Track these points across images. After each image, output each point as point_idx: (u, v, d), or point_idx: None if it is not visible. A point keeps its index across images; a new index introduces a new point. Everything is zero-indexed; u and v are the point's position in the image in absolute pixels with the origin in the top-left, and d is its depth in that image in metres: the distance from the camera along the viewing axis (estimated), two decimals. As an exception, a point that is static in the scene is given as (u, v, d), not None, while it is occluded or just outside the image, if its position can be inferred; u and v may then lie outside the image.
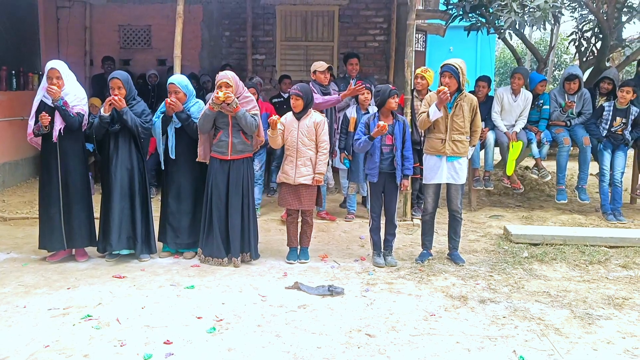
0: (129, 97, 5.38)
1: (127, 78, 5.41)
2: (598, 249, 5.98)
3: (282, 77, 8.85)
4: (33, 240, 5.99)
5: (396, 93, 5.43)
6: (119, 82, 5.30)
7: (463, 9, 8.60)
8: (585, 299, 4.71)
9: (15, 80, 8.66)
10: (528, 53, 18.56)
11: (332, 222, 6.90)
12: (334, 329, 4.08)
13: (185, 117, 5.41)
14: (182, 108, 5.40)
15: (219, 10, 10.18)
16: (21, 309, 4.37)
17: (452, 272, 5.34)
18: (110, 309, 4.37)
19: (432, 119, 5.35)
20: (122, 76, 5.37)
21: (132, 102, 5.41)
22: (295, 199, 5.53)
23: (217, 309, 4.40)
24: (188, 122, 5.42)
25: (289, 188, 5.52)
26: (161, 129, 5.49)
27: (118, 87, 5.30)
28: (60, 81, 5.21)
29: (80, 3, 10.05)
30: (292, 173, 5.47)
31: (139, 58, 10.32)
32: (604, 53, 9.14)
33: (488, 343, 3.91)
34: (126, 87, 5.34)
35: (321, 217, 6.92)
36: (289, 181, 5.48)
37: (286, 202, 5.56)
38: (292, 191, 5.52)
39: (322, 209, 6.91)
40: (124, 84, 5.32)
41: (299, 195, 5.52)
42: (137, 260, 5.52)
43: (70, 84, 5.34)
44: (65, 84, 5.26)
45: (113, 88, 5.31)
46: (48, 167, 5.38)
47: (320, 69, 6.73)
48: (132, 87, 5.47)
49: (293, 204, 5.55)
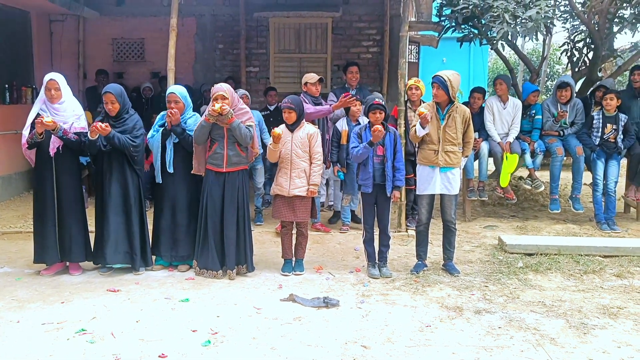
0: (122, 110, 5.38)
1: (120, 92, 5.40)
2: (592, 259, 5.99)
3: (267, 89, 8.60)
4: (26, 254, 5.97)
5: (377, 108, 5.39)
6: (112, 96, 5.30)
7: (455, 20, 8.66)
8: (580, 308, 4.71)
9: (9, 94, 8.65)
10: (520, 64, 18.70)
11: (327, 234, 6.89)
12: (329, 341, 4.06)
13: (180, 131, 5.41)
14: (179, 120, 5.41)
15: (213, 23, 10.22)
16: (15, 323, 4.34)
17: (447, 282, 5.34)
18: (105, 323, 4.34)
19: (419, 135, 5.44)
20: (115, 90, 5.36)
21: (125, 116, 5.41)
22: (290, 211, 5.52)
23: (212, 322, 4.38)
24: (184, 136, 5.43)
25: (284, 200, 5.52)
26: (160, 143, 5.49)
27: (111, 101, 5.30)
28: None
29: (74, 17, 10.05)
30: (287, 185, 5.47)
31: (132, 71, 10.33)
32: (595, 63, 9.22)
33: (484, 354, 3.90)
34: (119, 101, 5.34)
35: (316, 228, 6.91)
36: (284, 193, 5.48)
37: (281, 214, 5.56)
38: (286, 203, 5.52)
39: (317, 220, 6.91)
40: (117, 97, 5.31)
41: (294, 207, 5.51)
42: (131, 273, 5.50)
43: (68, 97, 5.35)
44: (62, 96, 5.28)
45: (107, 102, 5.31)
46: (42, 182, 5.37)
47: (311, 80, 6.77)
48: (126, 100, 5.47)
49: (288, 216, 5.54)
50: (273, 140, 5.37)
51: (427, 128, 5.39)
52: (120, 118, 5.36)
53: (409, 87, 6.77)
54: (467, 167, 7.54)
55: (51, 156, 5.28)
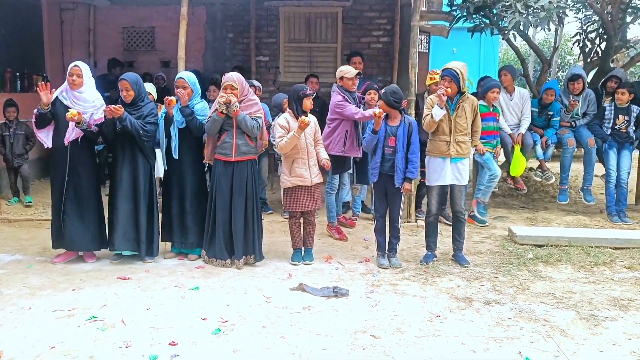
0: (137, 98, 5.39)
1: (136, 79, 5.43)
2: (603, 251, 5.96)
3: (308, 75, 8.18)
4: (38, 242, 6.01)
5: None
6: (127, 83, 5.32)
7: (467, 10, 8.58)
8: (590, 300, 4.70)
9: (20, 83, 8.69)
10: (532, 54, 18.55)
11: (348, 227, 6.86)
12: (338, 330, 4.07)
13: (189, 112, 5.42)
14: (187, 102, 5.42)
15: (223, 12, 10.19)
16: (26, 310, 4.38)
17: (456, 273, 5.33)
18: (116, 310, 4.37)
19: (436, 119, 5.37)
20: (130, 78, 5.39)
21: (141, 104, 5.42)
22: (311, 200, 5.53)
23: (221, 310, 4.40)
24: (192, 118, 5.42)
25: (305, 190, 5.50)
26: (164, 130, 5.51)
27: (126, 88, 5.32)
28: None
29: (84, 5, 10.07)
30: (308, 174, 5.46)
31: (142, 60, 10.33)
32: (608, 54, 9.12)
33: (493, 344, 3.90)
34: (134, 89, 5.35)
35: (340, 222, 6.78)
36: (306, 183, 5.46)
37: (301, 204, 5.52)
38: (306, 193, 5.51)
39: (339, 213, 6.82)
40: (132, 85, 5.33)
41: (314, 195, 5.53)
42: (141, 262, 5.53)
43: (89, 87, 5.40)
44: (84, 84, 5.34)
45: (122, 89, 5.33)
46: (57, 169, 5.40)
47: (348, 75, 6.29)
48: (142, 88, 5.50)
49: (309, 205, 5.54)
50: (299, 127, 5.27)
51: (444, 109, 5.35)
52: (136, 106, 5.38)
53: (435, 82, 6.49)
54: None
55: (66, 145, 5.31)
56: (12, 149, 7.58)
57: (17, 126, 7.66)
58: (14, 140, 7.59)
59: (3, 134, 7.59)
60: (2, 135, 7.59)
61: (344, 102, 6.18)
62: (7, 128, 7.60)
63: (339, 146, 6.24)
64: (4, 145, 7.58)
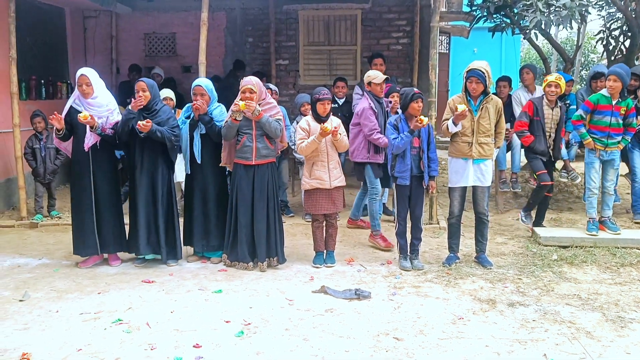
0: (153, 102, 5.45)
1: (152, 83, 5.51)
2: (629, 251, 5.87)
3: (336, 79, 7.97)
4: (64, 246, 6.10)
5: (420, 97, 5.40)
6: (143, 84, 5.39)
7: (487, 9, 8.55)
8: (617, 301, 4.63)
9: (45, 90, 8.84)
10: (554, 53, 18.34)
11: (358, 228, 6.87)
12: (361, 333, 4.07)
13: (208, 120, 5.47)
14: (206, 110, 5.47)
15: (242, 16, 10.26)
16: (54, 313, 4.45)
17: (479, 275, 5.29)
18: (140, 313, 4.42)
19: (451, 132, 5.42)
20: (147, 80, 5.47)
21: (156, 107, 5.48)
22: (330, 203, 5.53)
23: (244, 313, 4.43)
24: (211, 125, 5.47)
25: (324, 193, 5.51)
26: (188, 134, 5.57)
27: (142, 89, 5.37)
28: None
29: (107, 12, 10.22)
30: (327, 177, 5.47)
31: (164, 65, 10.41)
32: (632, 51, 8.99)
33: (518, 346, 3.86)
34: (151, 92, 5.42)
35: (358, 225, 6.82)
36: (325, 186, 5.47)
37: (321, 207, 5.53)
38: (326, 196, 5.52)
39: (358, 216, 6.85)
40: (148, 87, 5.40)
41: (333, 199, 5.53)
42: (164, 265, 5.58)
43: (100, 91, 5.45)
44: (94, 91, 5.38)
45: (138, 90, 5.38)
46: (80, 175, 5.49)
47: (376, 80, 6.13)
48: (157, 92, 5.57)
49: (329, 208, 5.54)
50: (320, 133, 5.27)
51: (459, 125, 5.33)
52: (152, 110, 5.44)
53: (548, 84, 6.19)
54: (500, 158, 7.45)
55: (86, 151, 5.39)
56: (44, 163, 7.29)
57: (48, 139, 7.27)
58: (45, 153, 7.28)
59: (33, 147, 7.27)
60: (33, 148, 7.27)
61: (370, 113, 6.04)
62: (38, 140, 7.31)
63: (363, 153, 6.15)
64: (35, 159, 7.28)
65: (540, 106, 6.28)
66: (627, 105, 6.34)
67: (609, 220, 6.43)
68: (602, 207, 6.55)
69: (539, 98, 6.38)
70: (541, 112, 6.26)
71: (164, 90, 7.07)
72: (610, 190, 6.48)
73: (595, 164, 6.37)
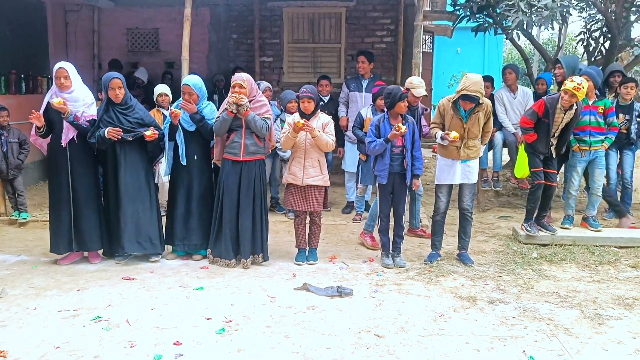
0: (127, 97, 5.42)
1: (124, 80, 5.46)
2: (608, 250, 5.95)
3: (320, 77, 7.88)
4: (43, 243, 6.03)
5: (406, 97, 5.42)
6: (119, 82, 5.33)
7: (470, 9, 8.59)
8: (595, 299, 4.69)
9: (25, 84, 8.73)
10: (536, 53, 18.50)
11: (341, 225, 6.87)
12: (343, 330, 4.08)
13: (199, 119, 5.45)
14: (195, 109, 5.44)
15: (227, 13, 10.22)
16: (31, 310, 4.40)
17: (460, 272, 5.33)
18: (120, 311, 4.39)
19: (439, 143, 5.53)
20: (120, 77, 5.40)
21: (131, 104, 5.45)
22: (303, 201, 5.53)
23: (226, 310, 4.41)
24: (202, 124, 5.46)
25: (297, 189, 5.52)
26: (168, 137, 5.56)
27: (119, 87, 5.32)
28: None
29: (89, 7, 10.12)
30: (300, 174, 5.47)
31: (147, 61, 10.36)
32: (612, 53, 9.10)
33: (497, 343, 3.90)
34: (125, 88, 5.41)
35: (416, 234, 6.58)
36: (297, 182, 5.48)
37: (293, 203, 5.56)
38: (299, 192, 5.52)
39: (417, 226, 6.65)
40: (123, 84, 5.37)
41: (307, 197, 5.51)
42: (146, 262, 5.54)
43: (78, 85, 5.38)
44: (72, 85, 5.32)
45: (113, 88, 5.31)
46: (57, 171, 5.42)
47: (415, 92, 5.99)
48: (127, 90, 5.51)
49: (301, 205, 5.54)
50: (293, 129, 5.30)
51: (446, 142, 5.40)
52: (126, 105, 5.41)
53: (564, 90, 5.74)
54: (481, 157, 7.49)
55: (64, 147, 5.33)
56: (6, 159, 6.91)
57: (10, 133, 6.95)
58: (7, 148, 6.90)
59: None
60: None
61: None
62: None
63: None
64: None
65: (552, 108, 5.84)
66: (605, 104, 6.44)
67: (591, 218, 6.51)
68: (587, 206, 6.64)
69: (554, 98, 5.90)
70: (552, 114, 5.85)
71: (160, 86, 7.05)
72: (597, 192, 6.56)
73: (578, 167, 6.45)
